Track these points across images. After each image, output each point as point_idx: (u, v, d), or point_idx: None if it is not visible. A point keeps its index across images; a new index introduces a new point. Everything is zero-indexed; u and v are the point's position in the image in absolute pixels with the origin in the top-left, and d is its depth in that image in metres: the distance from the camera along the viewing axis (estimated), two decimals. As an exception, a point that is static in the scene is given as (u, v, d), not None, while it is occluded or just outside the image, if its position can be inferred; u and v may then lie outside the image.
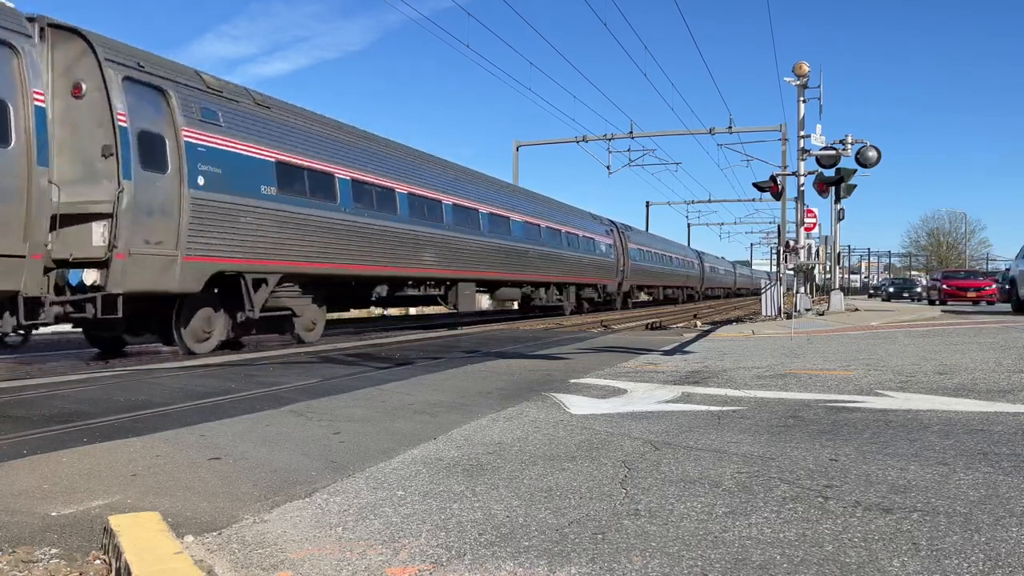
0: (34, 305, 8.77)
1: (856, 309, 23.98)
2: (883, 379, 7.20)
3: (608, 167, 38.72)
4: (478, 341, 13.81)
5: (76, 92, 9.36)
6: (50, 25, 9.35)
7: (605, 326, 20.51)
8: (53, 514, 3.23)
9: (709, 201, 61.63)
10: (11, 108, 8.23)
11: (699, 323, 21.68)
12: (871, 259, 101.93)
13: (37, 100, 8.55)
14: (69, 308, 9.34)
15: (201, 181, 10.59)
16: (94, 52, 9.43)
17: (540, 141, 40.05)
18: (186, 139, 10.45)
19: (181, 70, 11.09)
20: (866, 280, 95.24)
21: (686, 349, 11.41)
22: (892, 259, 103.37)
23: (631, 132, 36.34)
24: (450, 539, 2.82)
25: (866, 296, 63.34)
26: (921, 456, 4.02)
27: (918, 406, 5.61)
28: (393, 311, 28.54)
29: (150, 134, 10.00)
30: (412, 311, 28.35)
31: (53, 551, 2.79)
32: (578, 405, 5.92)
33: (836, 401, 5.94)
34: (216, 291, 11.38)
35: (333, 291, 14.49)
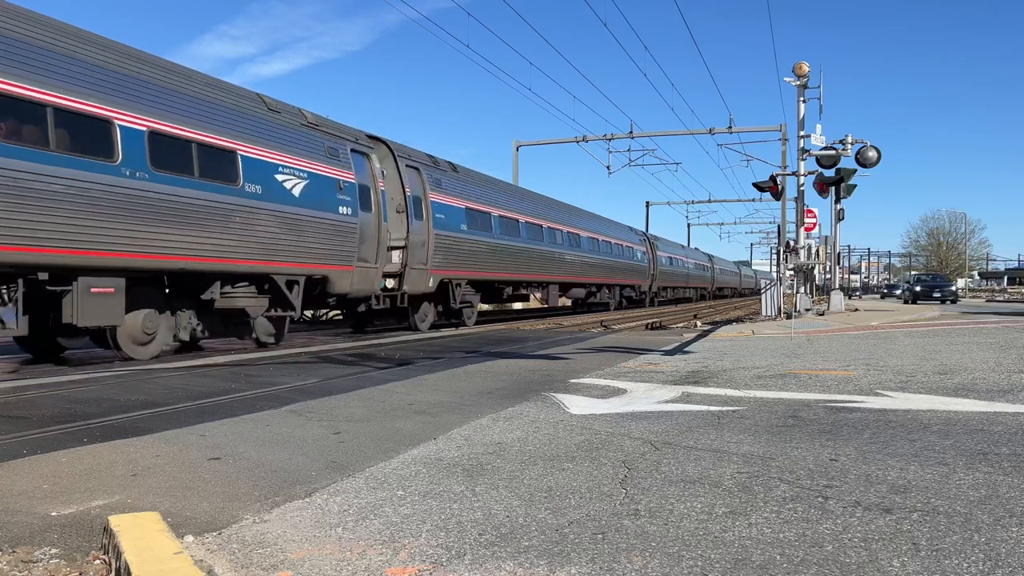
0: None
1: (856, 309, 23.97)
2: (883, 379, 7.20)
3: (608, 167, 38.78)
4: (478, 341, 13.80)
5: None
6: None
7: (605, 326, 20.51)
8: (53, 514, 3.23)
9: (709, 201, 61.64)
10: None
11: (699, 323, 21.67)
12: (871, 259, 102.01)
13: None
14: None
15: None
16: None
17: (540, 141, 40.06)
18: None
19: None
20: (866, 280, 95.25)
21: (686, 349, 11.41)
22: (892, 259, 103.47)
23: (631, 132, 36.35)
24: (450, 539, 2.82)
25: (879, 296, 60.80)
26: (921, 456, 4.02)
27: (918, 406, 5.61)
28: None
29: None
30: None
31: (53, 551, 2.79)
32: (578, 405, 5.92)
33: (836, 401, 5.94)
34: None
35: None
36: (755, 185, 21.90)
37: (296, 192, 12.46)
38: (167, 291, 11.26)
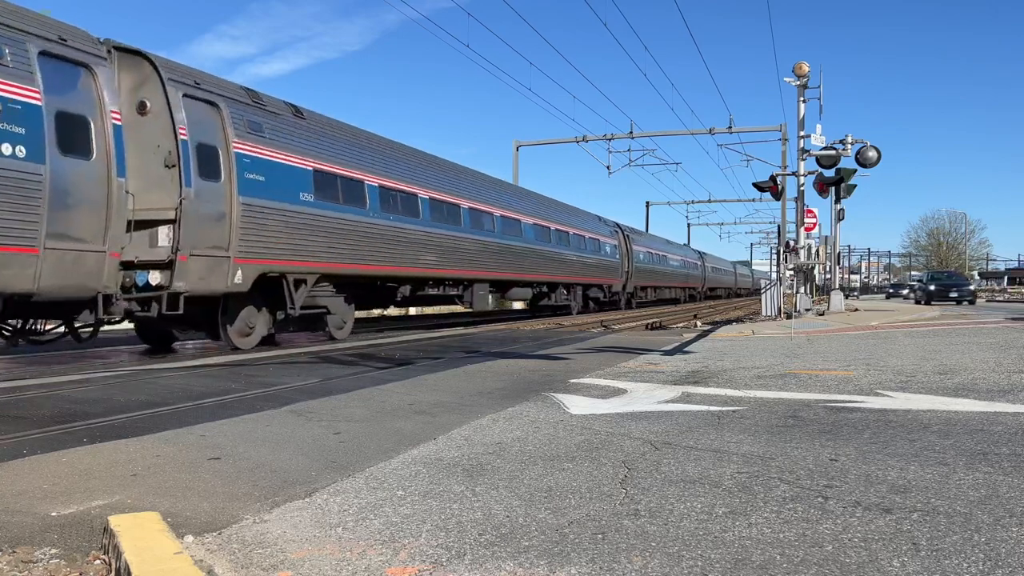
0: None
1: (856, 309, 23.98)
2: (883, 379, 7.20)
3: (608, 167, 38.77)
4: (478, 341, 13.81)
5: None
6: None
7: (605, 326, 20.52)
8: (53, 514, 3.23)
9: (709, 201, 61.55)
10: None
11: (699, 323, 21.68)
12: (871, 259, 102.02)
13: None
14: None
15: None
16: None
17: (540, 141, 40.07)
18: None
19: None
20: (866, 280, 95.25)
21: (686, 349, 11.41)
22: (892, 259, 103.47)
23: (631, 132, 36.36)
24: (450, 539, 2.82)
25: (883, 296, 59.17)
26: (921, 456, 4.02)
27: (918, 406, 5.61)
28: (393, 311, 28.89)
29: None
30: (412, 311, 28.38)
31: (53, 551, 2.79)
32: (578, 405, 5.92)
33: (836, 401, 5.94)
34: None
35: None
36: (755, 185, 21.91)
37: None
38: None
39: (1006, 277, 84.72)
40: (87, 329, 10.38)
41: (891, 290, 65.53)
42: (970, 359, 8.82)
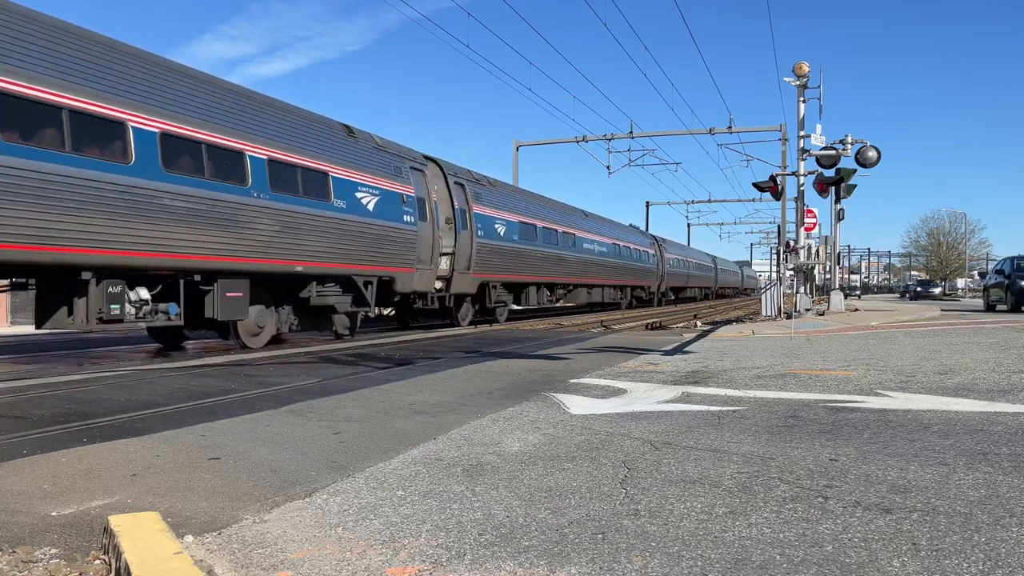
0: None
1: (856, 309, 23.97)
2: (883, 379, 7.20)
3: (608, 167, 38.76)
4: (478, 341, 13.81)
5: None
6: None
7: (605, 326, 20.51)
8: (53, 514, 3.23)
9: (709, 201, 61.60)
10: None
11: (699, 323, 21.67)
12: (871, 259, 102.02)
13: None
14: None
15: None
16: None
17: (540, 141, 40.04)
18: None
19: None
20: (866, 280, 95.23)
21: (686, 349, 11.41)
22: (892, 259, 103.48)
23: (631, 132, 36.32)
24: (450, 539, 2.82)
25: (898, 296, 60.31)
26: (921, 456, 4.02)
27: (918, 406, 5.61)
28: (393, 311, 31.03)
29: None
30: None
31: (53, 551, 2.79)
32: (578, 405, 5.92)
33: (836, 401, 5.94)
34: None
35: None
36: (755, 185, 21.89)
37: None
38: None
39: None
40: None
41: (917, 288, 64.47)
42: (970, 359, 8.82)
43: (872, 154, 19.01)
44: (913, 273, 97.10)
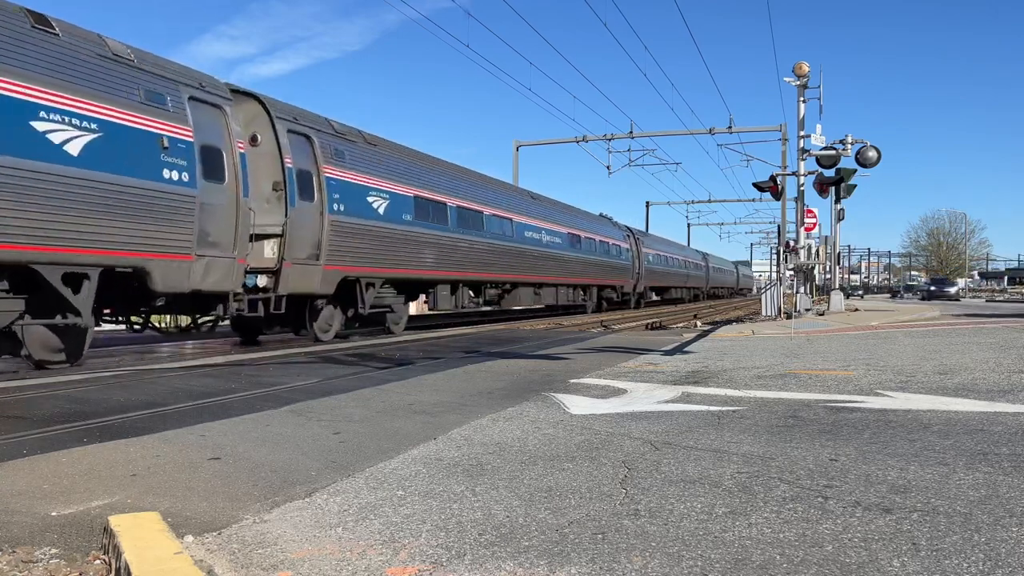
0: None
1: (856, 309, 23.98)
2: (883, 379, 7.20)
3: (608, 167, 38.72)
4: (478, 341, 13.80)
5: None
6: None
7: (605, 326, 20.52)
8: (53, 514, 3.23)
9: (709, 201, 61.51)
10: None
11: (699, 323, 21.68)
12: (871, 259, 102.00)
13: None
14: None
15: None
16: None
17: (540, 141, 40.02)
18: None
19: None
20: (866, 280, 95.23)
21: (686, 349, 11.41)
22: (892, 259, 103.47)
23: (631, 132, 36.31)
24: (450, 539, 2.82)
25: (920, 297, 50.55)
26: (921, 456, 4.02)
27: (918, 406, 5.61)
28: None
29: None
30: (412, 311, 28.66)
31: (53, 551, 2.79)
32: (578, 405, 5.92)
33: (836, 401, 5.94)
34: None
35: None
36: (755, 185, 21.88)
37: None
38: None
39: (1006, 277, 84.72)
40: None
41: (931, 287, 54.11)
42: (970, 359, 8.82)
43: (872, 154, 19.00)
44: (913, 273, 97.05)
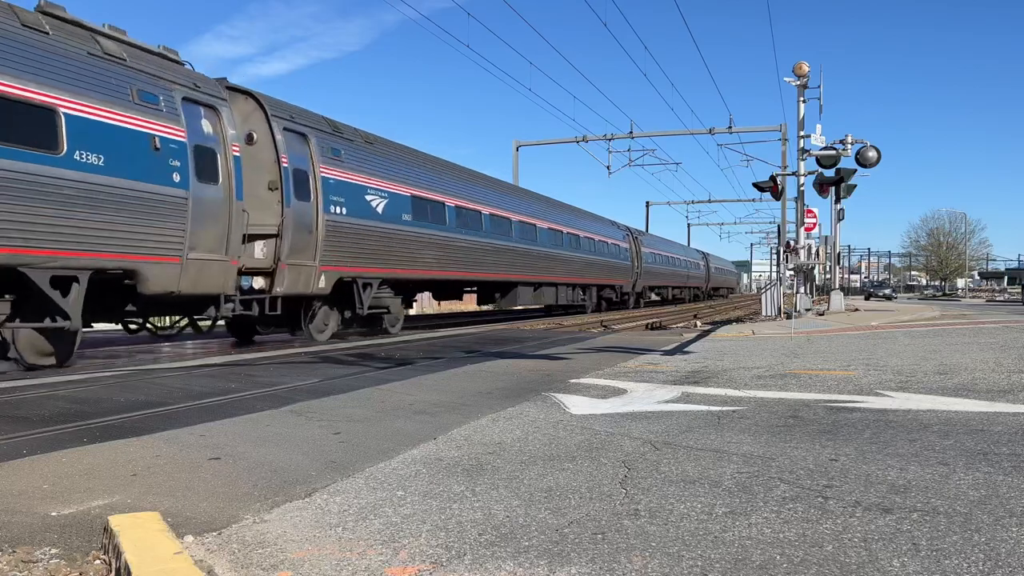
0: None
1: (856, 309, 23.98)
2: (883, 379, 7.20)
3: (608, 167, 38.74)
4: (478, 341, 13.80)
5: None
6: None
7: (605, 326, 20.52)
8: (53, 514, 3.23)
9: (709, 201, 61.57)
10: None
11: (699, 323, 21.68)
12: (871, 259, 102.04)
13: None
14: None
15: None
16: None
17: (540, 141, 40.02)
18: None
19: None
20: (866, 280, 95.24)
21: (686, 349, 11.41)
22: (892, 259, 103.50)
23: (631, 132, 36.32)
24: (450, 539, 2.82)
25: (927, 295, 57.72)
26: (921, 456, 4.02)
27: (918, 406, 5.61)
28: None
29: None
30: (412, 311, 28.61)
31: (53, 551, 2.79)
32: (578, 405, 5.92)
33: (836, 401, 5.94)
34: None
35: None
36: (755, 185, 21.88)
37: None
38: None
39: (1006, 277, 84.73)
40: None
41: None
42: (970, 359, 8.82)
43: (872, 154, 19.00)
44: (913, 273, 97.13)
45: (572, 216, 28.27)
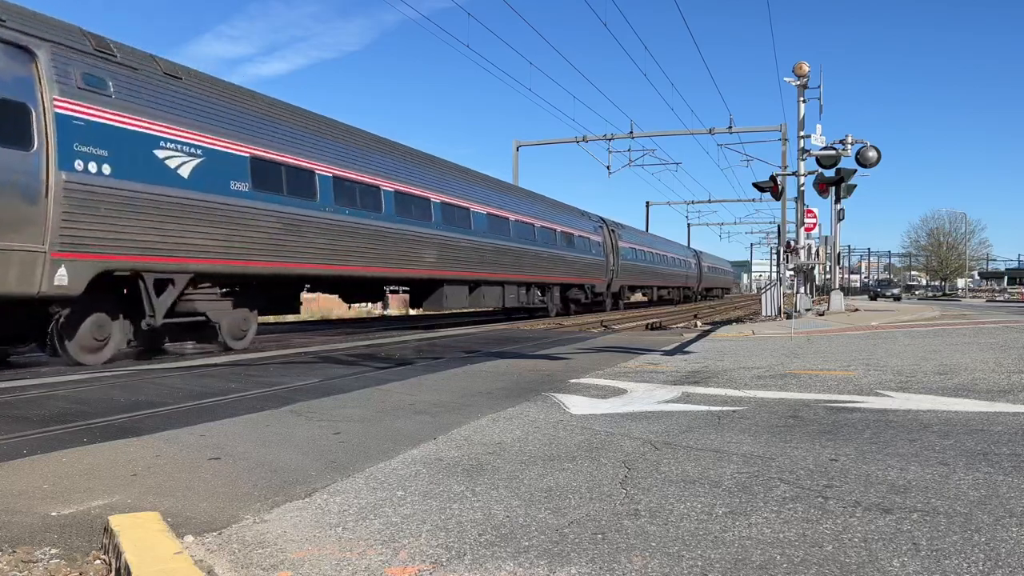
0: None
1: (856, 309, 23.98)
2: (883, 379, 7.19)
3: (608, 167, 38.74)
4: (478, 341, 13.80)
5: None
6: None
7: (605, 326, 20.53)
8: (53, 514, 3.23)
9: (709, 201, 61.56)
10: None
11: (699, 323, 21.69)
12: (871, 259, 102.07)
13: None
14: None
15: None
16: None
17: (540, 141, 40.01)
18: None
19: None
20: (866, 280, 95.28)
21: (686, 349, 11.41)
22: (892, 259, 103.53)
23: (631, 132, 36.32)
24: (450, 539, 2.82)
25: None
26: (921, 456, 4.02)
27: (918, 406, 5.61)
28: (393, 311, 29.33)
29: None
30: (412, 311, 28.42)
31: (53, 551, 2.79)
32: (578, 405, 5.92)
33: (836, 401, 5.94)
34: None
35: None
36: (755, 185, 21.88)
37: None
38: None
39: (1006, 277, 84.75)
40: None
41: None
42: (970, 359, 8.82)
43: (872, 154, 19.00)
44: (913, 273, 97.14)
45: (525, 201, 24.04)
